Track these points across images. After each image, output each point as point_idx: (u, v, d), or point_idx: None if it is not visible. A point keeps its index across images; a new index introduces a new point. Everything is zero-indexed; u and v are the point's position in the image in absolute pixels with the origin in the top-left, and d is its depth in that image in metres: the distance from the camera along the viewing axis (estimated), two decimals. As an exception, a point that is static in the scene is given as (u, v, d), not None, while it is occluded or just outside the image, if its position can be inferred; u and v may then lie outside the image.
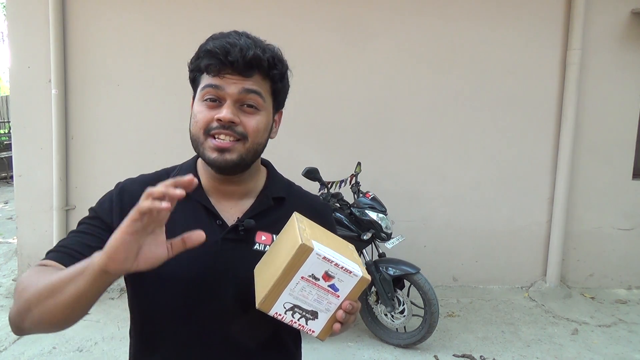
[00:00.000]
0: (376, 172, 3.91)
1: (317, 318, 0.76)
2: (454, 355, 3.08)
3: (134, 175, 1.06)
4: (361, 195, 3.24)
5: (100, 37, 3.82)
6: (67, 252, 0.84)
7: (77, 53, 3.83)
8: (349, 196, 3.34)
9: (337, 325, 0.76)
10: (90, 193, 3.92)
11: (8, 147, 9.26)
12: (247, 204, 0.96)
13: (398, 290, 3.08)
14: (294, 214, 0.84)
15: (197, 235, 0.73)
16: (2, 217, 6.61)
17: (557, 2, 3.96)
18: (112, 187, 1.01)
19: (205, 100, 0.86)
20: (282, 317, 0.75)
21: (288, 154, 3.92)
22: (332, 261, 0.73)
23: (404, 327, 3.14)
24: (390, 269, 3.04)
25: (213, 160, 0.86)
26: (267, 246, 0.92)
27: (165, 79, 3.85)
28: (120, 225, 0.66)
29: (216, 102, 0.86)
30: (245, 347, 0.92)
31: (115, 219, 0.90)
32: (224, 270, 0.89)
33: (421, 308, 3.06)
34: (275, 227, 0.93)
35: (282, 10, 3.88)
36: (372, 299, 3.18)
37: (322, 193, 3.13)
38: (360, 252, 3.16)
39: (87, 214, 1.01)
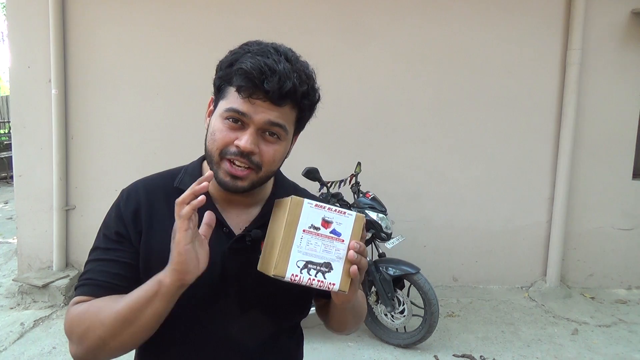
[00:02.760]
0: (376, 172, 3.91)
1: (331, 269, 0.77)
2: (454, 355, 3.08)
3: (134, 175, 1.06)
4: (361, 195, 3.24)
5: (100, 37, 3.82)
6: (102, 285, 0.86)
7: (77, 53, 3.83)
8: (349, 196, 3.34)
9: (353, 268, 0.77)
10: (90, 193, 3.92)
11: (8, 147, 9.26)
12: (254, 212, 0.95)
13: (398, 290, 3.08)
14: (275, 201, 0.86)
15: (210, 218, 0.79)
16: (2, 217, 6.61)
17: (557, 2, 3.96)
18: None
19: (227, 119, 0.83)
20: (300, 278, 0.76)
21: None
22: (325, 206, 0.78)
23: (404, 327, 3.13)
24: (390, 269, 3.04)
25: (225, 184, 0.86)
26: None
27: (166, 79, 3.85)
28: (176, 241, 0.73)
29: (238, 123, 0.83)
30: (246, 348, 0.92)
31: (130, 229, 0.89)
32: (230, 277, 0.89)
33: (421, 308, 3.06)
34: None
35: (282, 11, 3.88)
36: (372, 299, 3.18)
37: (322, 193, 3.13)
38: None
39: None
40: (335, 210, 0.77)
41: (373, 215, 3.07)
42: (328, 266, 0.77)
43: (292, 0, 3.90)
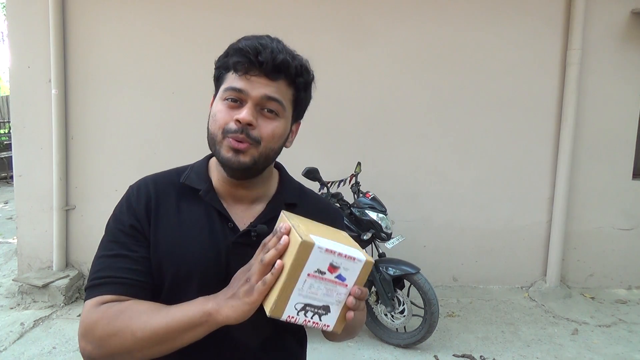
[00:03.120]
0: (376, 172, 3.91)
1: (329, 312, 0.76)
2: (454, 355, 3.08)
3: (133, 175, 1.06)
4: (361, 195, 3.24)
5: (100, 37, 3.82)
6: (125, 282, 0.86)
7: (77, 53, 3.83)
8: (349, 196, 3.34)
9: (350, 314, 0.76)
10: (90, 193, 3.92)
11: (8, 147, 9.26)
12: (259, 208, 0.96)
13: (398, 290, 3.08)
14: (281, 212, 0.83)
15: None
16: (2, 217, 6.61)
17: (557, 2, 3.96)
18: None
19: (227, 99, 0.87)
20: (296, 319, 0.74)
21: (288, 154, 3.91)
22: (335, 251, 0.72)
23: (404, 327, 3.13)
24: (390, 269, 3.04)
25: (227, 159, 0.87)
26: None
27: (166, 78, 3.85)
28: (243, 299, 0.74)
29: (237, 102, 0.86)
30: (248, 347, 0.92)
31: (142, 221, 0.90)
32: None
33: (421, 308, 3.06)
34: None
35: (282, 11, 3.88)
36: (372, 299, 3.18)
37: (322, 193, 3.13)
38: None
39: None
40: (345, 255, 0.74)
41: (373, 215, 3.07)
42: (326, 309, 0.76)
43: (292, 0, 3.90)
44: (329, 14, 3.92)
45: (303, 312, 0.74)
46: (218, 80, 0.91)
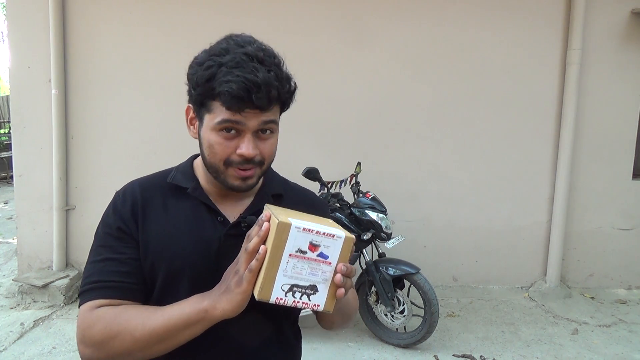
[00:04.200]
0: (376, 172, 3.91)
1: (317, 291, 0.77)
2: (454, 355, 3.08)
3: (133, 175, 1.07)
4: (361, 195, 3.23)
5: (100, 37, 3.82)
6: (117, 286, 0.87)
7: (77, 53, 3.83)
8: (349, 196, 3.34)
9: (340, 291, 0.77)
10: (90, 193, 3.92)
11: (8, 147, 9.26)
12: (246, 201, 0.98)
13: (398, 290, 3.08)
14: (265, 205, 0.86)
15: None
16: (2, 217, 6.61)
17: (557, 2, 3.96)
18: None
19: (222, 130, 0.85)
20: (284, 301, 0.76)
21: (288, 154, 3.91)
22: (313, 230, 0.75)
23: (404, 327, 3.13)
24: (390, 269, 3.04)
25: (237, 187, 0.90)
26: None
27: (165, 79, 3.85)
28: (234, 290, 0.76)
29: (232, 132, 0.85)
30: (248, 346, 0.93)
31: (129, 224, 0.91)
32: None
33: (421, 308, 3.06)
34: None
35: (282, 11, 3.88)
36: (372, 299, 3.18)
37: (322, 193, 3.13)
38: (360, 252, 3.16)
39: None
40: (324, 233, 0.75)
41: (373, 215, 3.07)
42: (313, 288, 0.77)
43: (293, 1, 3.90)
44: (329, 14, 3.92)
45: (291, 293, 0.76)
46: (201, 104, 0.87)
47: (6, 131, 10.47)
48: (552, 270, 4.11)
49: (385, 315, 3.14)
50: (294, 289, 0.76)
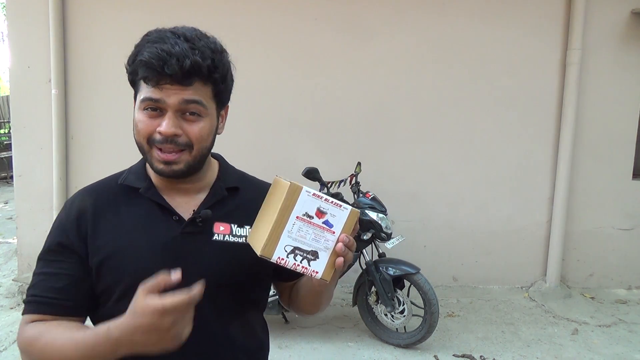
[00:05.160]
0: (376, 172, 3.91)
1: (317, 258, 0.79)
2: (454, 355, 3.08)
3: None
4: (361, 195, 3.23)
5: (100, 37, 3.83)
6: (48, 303, 0.87)
7: (77, 53, 3.83)
8: (349, 196, 3.34)
9: (339, 260, 0.79)
10: (90, 193, 3.92)
11: (8, 147, 9.26)
12: (201, 197, 0.96)
13: (398, 290, 3.08)
14: (275, 177, 0.86)
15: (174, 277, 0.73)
16: (2, 217, 6.61)
17: (557, 2, 3.96)
18: None
19: (146, 109, 0.85)
20: (285, 262, 0.78)
21: (288, 154, 3.92)
22: (322, 197, 0.78)
23: (404, 327, 3.13)
24: (390, 269, 3.04)
25: (161, 171, 0.87)
26: (227, 236, 0.93)
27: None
28: (167, 344, 0.72)
29: (157, 111, 0.84)
30: (214, 333, 0.91)
31: (72, 238, 0.90)
32: (187, 263, 0.86)
33: (421, 308, 3.06)
34: (233, 216, 0.95)
35: (282, 11, 3.88)
36: (372, 299, 3.18)
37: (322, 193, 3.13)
38: (360, 252, 3.16)
39: None
40: (332, 202, 0.78)
41: (373, 215, 3.07)
42: (315, 254, 0.79)
43: (293, 1, 3.89)
44: (329, 13, 3.92)
45: (292, 255, 0.78)
46: (133, 84, 0.88)
47: (6, 131, 10.46)
48: (552, 270, 4.11)
49: (385, 315, 3.14)
50: (297, 251, 0.78)
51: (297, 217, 0.77)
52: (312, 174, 2.97)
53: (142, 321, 0.70)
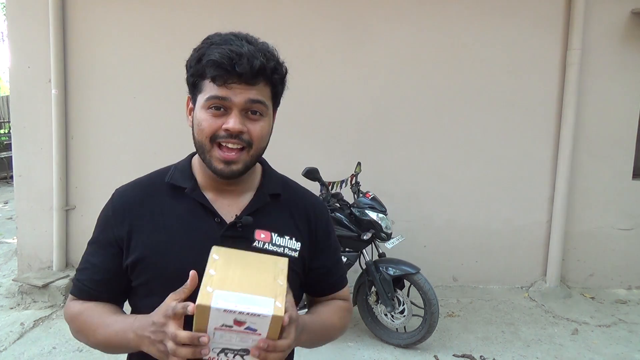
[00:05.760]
0: (376, 172, 3.91)
1: (249, 354, 0.77)
2: (454, 355, 3.08)
3: (133, 175, 1.07)
4: (361, 195, 3.23)
5: (100, 37, 3.82)
6: (88, 291, 0.96)
7: (77, 53, 3.83)
8: (349, 196, 3.34)
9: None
10: (90, 193, 3.92)
11: (8, 147, 9.26)
12: (244, 200, 0.98)
13: (398, 290, 3.08)
14: (212, 249, 0.83)
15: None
16: (2, 217, 6.61)
17: (557, 2, 3.96)
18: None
19: (210, 108, 0.87)
20: (217, 359, 0.78)
21: (288, 154, 3.91)
22: (235, 310, 0.71)
23: (404, 327, 3.13)
24: (390, 269, 3.04)
25: (220, 171, 0.89)
26: (267, 244, 0.94)
27: (166, 78, 3.85)
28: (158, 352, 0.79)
29: (221, 110, 0.87)
30: None
31: (116, 232, 0.94)
32: None
33: (421, 308, 3.06)
34: (274, 225, 0.96)
35: (281, 10, 3.88)
36: (372, 299, 3.18)
37: (322, 193, 3.13)
38: (360, 252, 3.16)
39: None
40: (248, 313, 0.72)
41: (373, 215, 3.07)
42: (245, 351, 0.77)
43: (293, 1, 3.90)
44: (329, 13, 3.92)
45: (223, 354, 0.77)
46: (194, 86, 0.91)
47: (6, 131, 10.47)
48: (552, 270, 4.11)
49: (385, 315, 3.14)
50: (226, 350, 0.77)
51: (215, 329, 0.74)
52: (312, 174, 2.97)
53: (154, 318, 0.78)
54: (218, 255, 0.81)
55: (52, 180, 3.81)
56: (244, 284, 0.76)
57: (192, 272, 0.79)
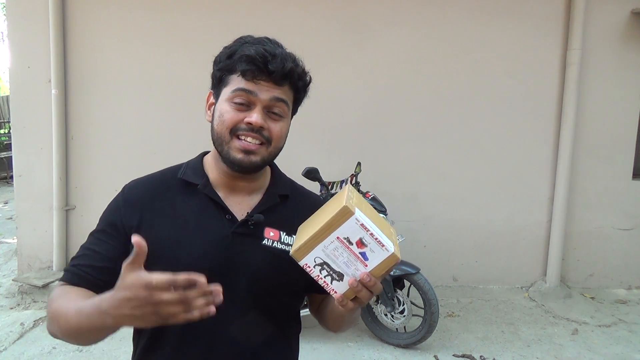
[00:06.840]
0: (376, 172, 3.91)
1: (342, 280, 0.79)
2: (454, 355, 3.08)
3: (133, 175, 1.07)
4: (361, 195, 3.23)
5: (100, 38, 3.82)
6: (83, 276, 0.90)
7: (77, 53, 3.83)
8: (349, 196, 3.33)
9: (350, 304, 0.79)
10: (90, 193, 3.92)
11: (8, 147, 9.26)
12: (254, 199, 0.99)
13: (398, 290, 3.08)
14: (347, 184, 0.88)
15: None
16: (2, 217, 6.61)
17: (557, 2, 3.96)
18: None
19: (235, 102, 0.89)
20: (310, 270, 0.78)
21: (288, 154, 3.91)
22: (369, 230, 0.76)
23: (404, 327, 3.14)
24: (390, 269, 3.03)
25: (239, 161, 0.90)
26: (276, 242, 0.96)
27: (166, 78, 3.85)
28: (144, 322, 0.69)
29: (243, 105, 0.89)
30: (248, 345, 0.93)
31: (125, 222, 0.92)
32: (235, 263, 0.91)
33: (421, 308, 3.06)
34: (282, 224, 0.97)
35: (282, 11, 3.88)
36: (372, 299, 3.18)
37: (322, 193, 3.13)
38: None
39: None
40: (377, 239, 0.76)
41: (373, 215, 3.07)
42: (340, 276, 0.78)
43: (293, 1, 3.90)
44: (329, 14, 3.92)
45: (319, 267, 0.78)
46: (220, 80, 0.93)
47: (6, 131, 10.46)
48: (552, 270, 4.11)
49: (385, 315, 3.14)
50: (324, 266, 0.78)
51: (337, 237, 0.76)
52: (312, 174, 2.97)
53: (127, 294, 0.68)
54: (350, 188, 0.84)
55: (52, 180, 3.81)
56: (373, 220, 0.80)
57: (135, 238, 0.69)
